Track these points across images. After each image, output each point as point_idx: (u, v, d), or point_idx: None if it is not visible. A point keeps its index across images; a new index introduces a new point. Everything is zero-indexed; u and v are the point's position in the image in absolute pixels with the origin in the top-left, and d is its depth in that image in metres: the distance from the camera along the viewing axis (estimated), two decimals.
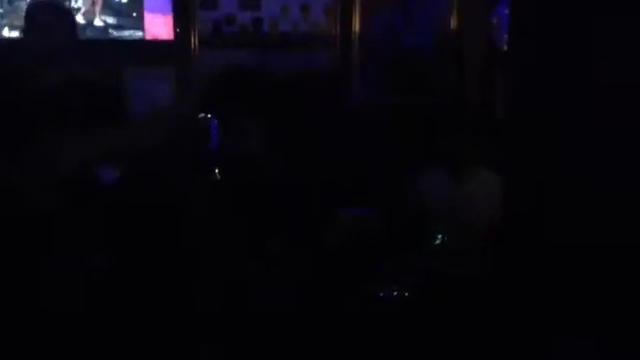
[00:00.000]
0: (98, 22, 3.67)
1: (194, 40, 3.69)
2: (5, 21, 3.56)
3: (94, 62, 2.58)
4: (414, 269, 2.84)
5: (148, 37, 3.68)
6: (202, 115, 2.21)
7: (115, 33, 3.69)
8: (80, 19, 3.56)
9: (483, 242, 2.91)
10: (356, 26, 3.81)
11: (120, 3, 3.67)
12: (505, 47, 3.61)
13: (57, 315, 2.03)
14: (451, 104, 3.45)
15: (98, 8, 3.64)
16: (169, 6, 3.66)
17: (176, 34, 3.66)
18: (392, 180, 3.19)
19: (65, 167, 2.08)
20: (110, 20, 3.67)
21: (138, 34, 3.69)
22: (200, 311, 2.28)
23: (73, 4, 3.62)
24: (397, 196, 3.09)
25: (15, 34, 3.48)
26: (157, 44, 3.66)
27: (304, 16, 3.78)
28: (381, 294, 2.65)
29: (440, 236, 2.93)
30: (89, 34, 3.62)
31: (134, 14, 3.68)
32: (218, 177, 2.34)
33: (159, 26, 3.65)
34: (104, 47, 3.57)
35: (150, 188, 2.19)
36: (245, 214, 2.53)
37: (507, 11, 3.50)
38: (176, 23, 3.65)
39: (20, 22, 2.98)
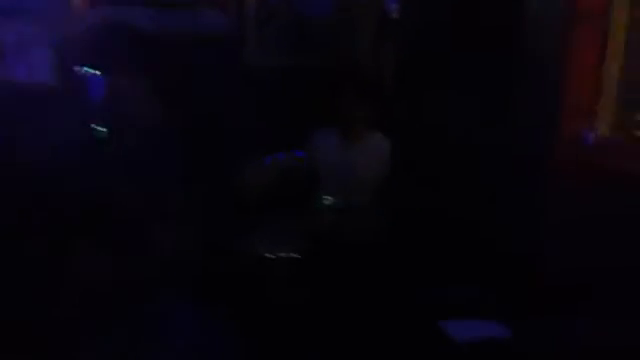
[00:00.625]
0: None
1: None
2: None
3: None
4: (302, 230, 2.88)
5: None
6: (79, 68, 2.12)
7: None
8: None
9: (373, 203, 2.99)
10: None
11: None
12: (395, 15, 3.70)
13: None
14: (343, 68, 3.49)
15: None
16: None
17: None
18: (285, 143, 3.19)
19: None
20: None
21: None
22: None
23: None
24: (290, 158, 3.11)
25: None
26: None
27: None
28: (268, 255, 2.67)
29: (330, 198, 2.97)
30: None
31: None
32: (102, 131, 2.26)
33: None
34: None
35: None
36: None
37: None
38: None
39: None
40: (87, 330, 2.01)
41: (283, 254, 2.64)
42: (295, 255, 2.74)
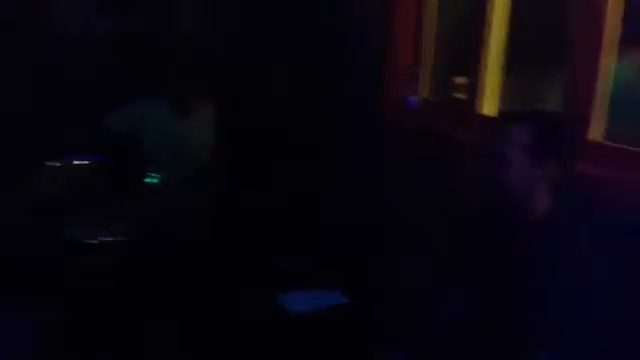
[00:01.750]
0: None
1: None
2: None
3: None
4: (131, 212, 2.73)
5: None
6: None
7: None
8: None
9: (204, 180, 2.89)
10: None
11: None
12: None
13: None
14: (173, 38, 3.31)
15: None
16: None
17: None
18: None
19: None
20: None
21: None
22: None
23: None
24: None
25: None
26: None
27: None
28: (94, 240, 2.49)
29: (158, 176, 2.83)
30: None
31: None
32: None
33: None
34: None
35: None
36: None
37: None
38: None
39: None
40: None
41: (108, 238, 2.47)
42: (121, 238, 2.58)
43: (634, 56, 2.97)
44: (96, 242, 2.42)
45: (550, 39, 3.00)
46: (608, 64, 2.02)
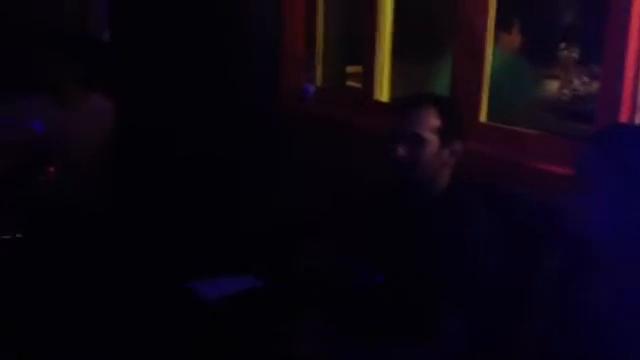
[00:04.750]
0: None
1: None
2: None
3: None
4: (21, 207, 2.64)
5: None
6: None
7: None
8: None
9: (95, 171, 2.82)
10: None
11: None
12: None
13: None
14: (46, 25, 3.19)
15: None
16: None
17: None
18: None
19: None
20: None
21: None
22: None
23: None
24: None
25: None
26: None
27: None
28: None
29: (47, 169, 2.76)
30: None
31: None
32: None
33: None
34: None
35: None
36: None
37: None
38: None
39: None
40: None
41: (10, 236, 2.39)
42: (17, 234, 2.50)
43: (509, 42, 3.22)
44: None
45: (437, 27, 3.19)
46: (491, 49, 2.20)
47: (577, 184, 1.41)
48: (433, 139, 1.78)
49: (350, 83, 3.37)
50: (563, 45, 3.88)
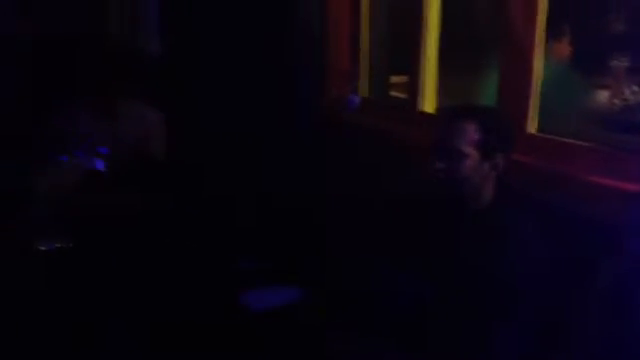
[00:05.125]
0: None
1: None
2: None
3: None
4: (69, 216, 2.68)
5: None
6: None
7: None
8: None
9: (139, 174, 2.86)
10: None
11: None
12: None
13: None
14: (93, 37, 3.27)
15: None
16: None
17: None
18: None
19: None
20: None
21: None
22: None
23: None
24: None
25: None
26: None
27: None
28: (42, 247, 2.44)
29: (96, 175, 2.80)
30: None
31: None
32: None
33: None
34: None
35: None
36: None
37: None
38: None
39: None
40: None
41: (57, 244, 2.44)
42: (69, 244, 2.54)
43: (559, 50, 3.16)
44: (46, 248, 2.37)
45: (483, 36, 3.14)
46: (540, 60, 2.15)
47: None
48: (473, 153, 1.75)
49: (394, 93, 3.35)
50: (614, 54, 3.78)
